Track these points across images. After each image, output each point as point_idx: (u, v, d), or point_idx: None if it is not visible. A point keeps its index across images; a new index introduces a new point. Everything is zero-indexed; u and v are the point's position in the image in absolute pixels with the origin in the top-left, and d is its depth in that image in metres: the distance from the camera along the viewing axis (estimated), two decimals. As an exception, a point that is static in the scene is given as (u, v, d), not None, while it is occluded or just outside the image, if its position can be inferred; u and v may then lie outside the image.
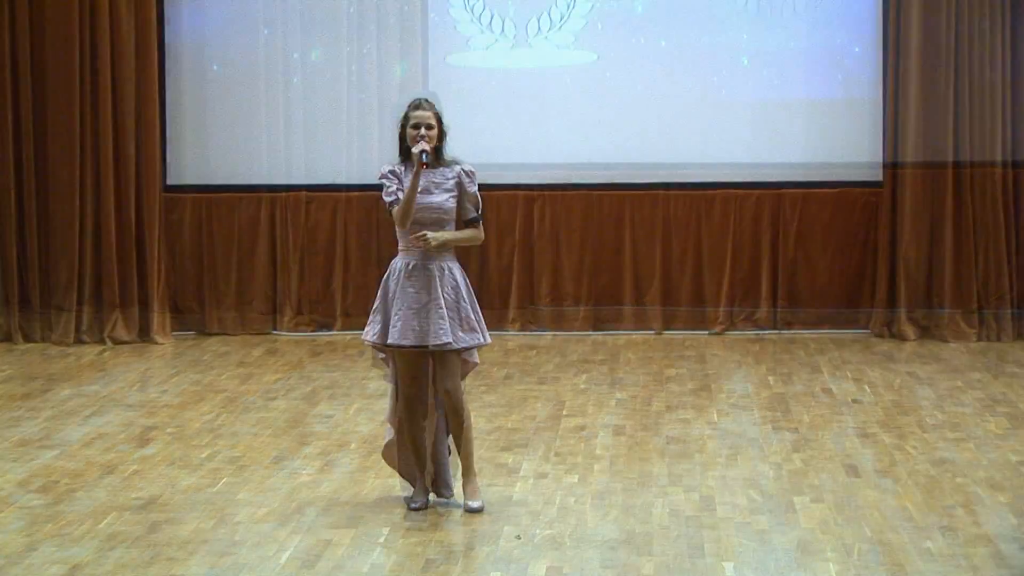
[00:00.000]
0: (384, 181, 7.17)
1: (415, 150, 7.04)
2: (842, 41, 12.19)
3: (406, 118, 7.18)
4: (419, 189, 7.07)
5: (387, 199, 7.13)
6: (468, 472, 7.29)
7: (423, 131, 7.10)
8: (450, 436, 7.37)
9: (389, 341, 7.13)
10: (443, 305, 7.09)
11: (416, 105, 7.21)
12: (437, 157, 7.17)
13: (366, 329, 7.28)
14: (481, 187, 7.32)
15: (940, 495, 7.43)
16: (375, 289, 7.36)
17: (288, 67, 12.40)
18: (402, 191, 7.08)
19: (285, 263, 12.45)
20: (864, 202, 12.24)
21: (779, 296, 12.31)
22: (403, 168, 7.17)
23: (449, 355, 7.14)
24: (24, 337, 12.06)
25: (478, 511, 7.20)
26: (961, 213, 11.91)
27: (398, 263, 7.20)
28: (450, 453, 7.43)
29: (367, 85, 12.31)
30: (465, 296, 7.18)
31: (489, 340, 7.30)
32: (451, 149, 7.26)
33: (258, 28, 12.38)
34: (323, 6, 12.33)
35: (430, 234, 7.08)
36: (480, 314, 7.25)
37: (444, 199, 7.16)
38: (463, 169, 7.23)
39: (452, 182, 7.19)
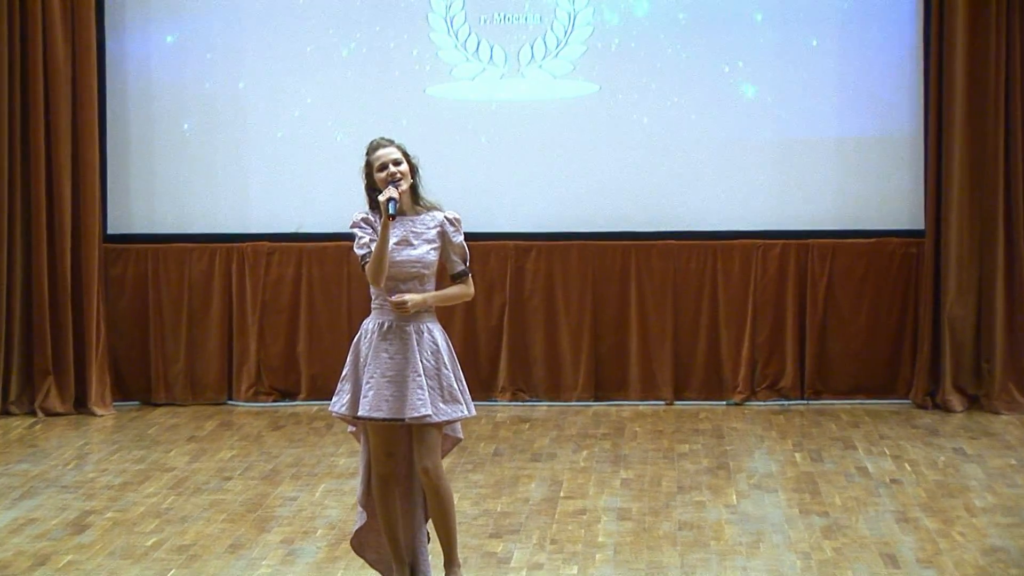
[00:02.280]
0: (356, 231, 7.18)
1: (382, 198, 7.03)
2: (877, 70, 12.22)
3: (369, 164, 7.21)
4: (395, 240, 7.07)
5: (359, 252, 7.14)
6: (451, 562, 7.28)
7: (392, 168, 7.10)
8: (429, 521, 7.35)
9: (360, 413, 7.12)
10: (422, 372, 7.08)
11: (375, 146, 7.23)
12: (416, 199, 7.18)
13: (334, 399, 7.29)
14: (467, 236, 7.33)
15: (992, 589, 7.45)
16: (344, 353, 7.36)
17: (245, 102, 12.43)
18: (376, 242, 7.08)
19: (243, 323, 12.47)
20: (903, 253, 12.28)
21: (807, 361, 12.32)
22: (376, 217, 7.17)
23: (428, 429, 7.12)
24: (-56, 408, 12.07)
25: (462, 608, 7.19)
26: (1014, 266, 11.91)
27: (371, 324, 7.20)
28: (429, 540, 7.42)
29: (336, 121, 12.33)
30: (447, 362, 7.18)
31: (474, 412, 7.30)
32: (430, 193, 7.26)
33: (213, 59, 12.42)
34: (283, 32, 12.36)
35: (409, 298, 7.06)
36: (464, 383, 7.25)
37: (425, 251, 7.16)
38: (447, 216, 7.23)
39: (434, 231, 7.19)
